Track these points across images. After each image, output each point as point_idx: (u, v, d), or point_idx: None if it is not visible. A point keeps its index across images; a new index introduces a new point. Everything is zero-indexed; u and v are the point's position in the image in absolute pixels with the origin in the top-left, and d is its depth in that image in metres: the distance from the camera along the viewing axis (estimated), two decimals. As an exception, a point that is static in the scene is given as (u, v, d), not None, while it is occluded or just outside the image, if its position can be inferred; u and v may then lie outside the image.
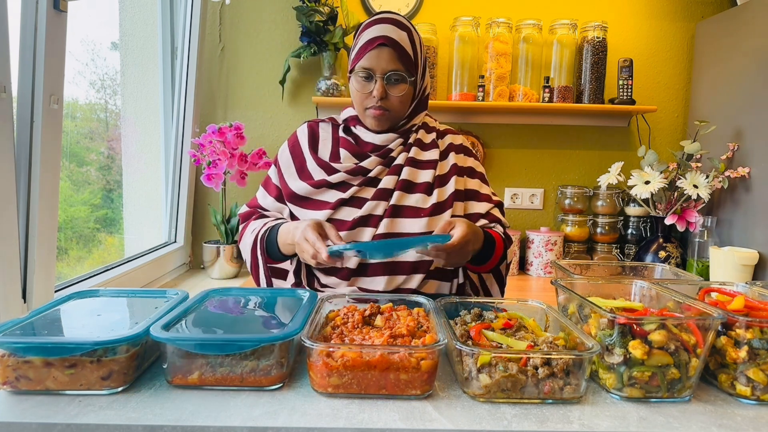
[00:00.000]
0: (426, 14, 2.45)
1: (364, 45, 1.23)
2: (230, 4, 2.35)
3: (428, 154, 1.34)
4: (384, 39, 1.21)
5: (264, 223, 1.30)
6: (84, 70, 1.84)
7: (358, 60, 1.24)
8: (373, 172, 1.28)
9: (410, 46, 1.25)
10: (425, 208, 1.26)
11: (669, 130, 2.56)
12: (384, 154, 1.30)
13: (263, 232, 1.27)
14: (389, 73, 1.23)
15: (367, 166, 1.29)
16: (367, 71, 1.23)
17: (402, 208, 1.26)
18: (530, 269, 2.48)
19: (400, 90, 1.25)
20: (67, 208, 1.79)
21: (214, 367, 0.75)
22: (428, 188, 1.30)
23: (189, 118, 2.26)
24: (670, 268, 1.16)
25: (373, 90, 1.24)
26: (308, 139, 1.36)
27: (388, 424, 0.67)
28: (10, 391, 0.74)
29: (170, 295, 0.98)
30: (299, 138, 1.38)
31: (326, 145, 1.35)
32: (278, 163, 1.38)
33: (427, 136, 1.37)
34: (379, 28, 1.23)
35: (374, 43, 1.22)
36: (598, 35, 2.35)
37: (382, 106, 1.25)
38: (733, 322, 0.79)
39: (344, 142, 1.33)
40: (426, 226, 1.24)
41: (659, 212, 2.27)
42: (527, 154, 2.57)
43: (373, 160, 1.29)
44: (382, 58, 1.22)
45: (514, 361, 0.73)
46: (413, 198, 1.28)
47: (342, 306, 0.96)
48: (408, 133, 1.34)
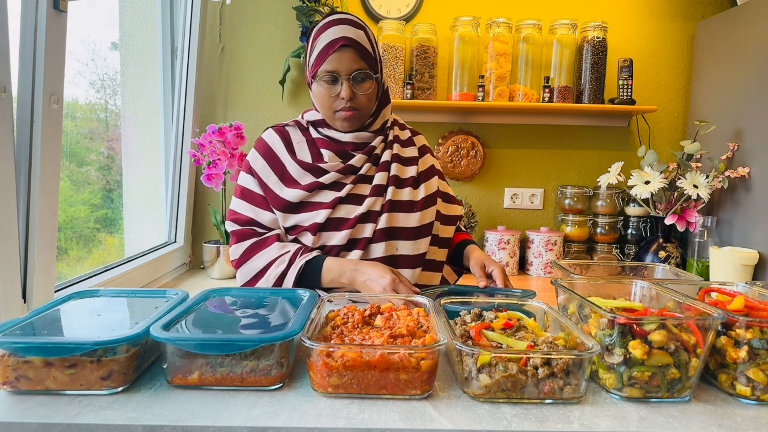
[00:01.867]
0: (426, 14, 2.45)
1: (324, 48, 1.22)
2: (230, 4, 2.35)
3: (409, 151, 1.38)
4: (345, 40, 1.21)
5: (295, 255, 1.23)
6: (84, 70, 1.84)
7: (320, 64, 1.23)
8: (363, 170, 1.30)
9: (369, 44, 1.27)
10: (418, 201, 1.31)
11: (669, 130, 2.56)
12: (369, 152, 1.31)
13: (301, 265, 1.21)
14: (355, 73, 1.23)
15: (355, 164, 1.29)
16: (332, 74, 1.23)
17: (397, 203, 1.30)
18: (530, 269, 2.48)
19: (366, 88, 1.26)
20: (67, 208, 1.79)
21: (214, 367, 0.75)
22: (415, 182, 1.34)
23: (189, 118, 2.26)
24: (670, 268, 1.16)
25: (340, 92, 1.23)
26: (284, 144, 1.32)
27: (388, 424, 0.67)
28: (10, 391, 0.74)
29: (170, 295, 0.98)
30: (271, 144, 1.33)
31: (303, 147, 1.32)
32: (254, 172, 1.31)
33: (402, 133, 1.41)
34: (336, 29, 1.23)
35: (335, 45, 1.21)
36: (598, 35, 2.35)
37: (352, 107, 1.25)
38: (733, 322, 0.79)
39: (323, 143, 1.32)
40: (419, 220, 1.30)
41: (659, 212, 2.27)
42: (527, 154, 2.57)
43: (361, 157, 1.30)
44: (346, 59, 1.22)
45: (514, 361, 0.73)
46: (405, 192, 1.31)
47: (342, 306, 0.96)
48: (385, 131, 1.36)
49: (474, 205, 2.55)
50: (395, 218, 1.28)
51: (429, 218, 1.33)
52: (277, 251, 1.23)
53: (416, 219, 1.30)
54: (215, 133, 2.09)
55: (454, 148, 2.49)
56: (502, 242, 2.42)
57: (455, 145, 2.49)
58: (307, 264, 1.21)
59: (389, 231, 1.27)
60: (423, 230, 1.31)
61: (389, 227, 1.27)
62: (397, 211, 1.29)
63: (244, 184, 1.32)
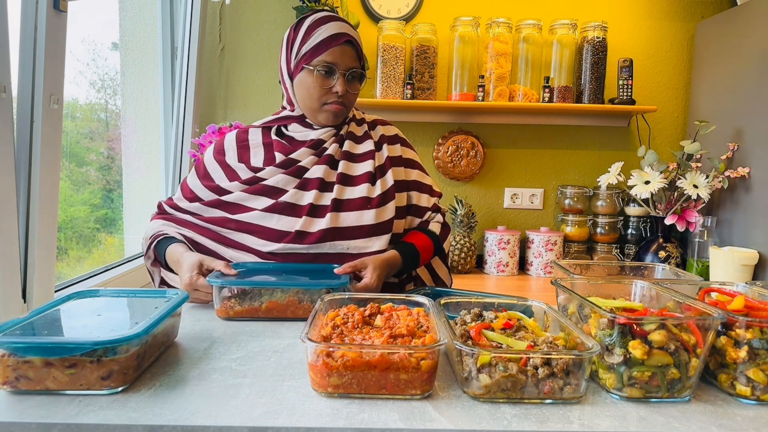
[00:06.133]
0: (426, 14, 2.45)
1: (326, 39, 1.21)
2: (230, 4, 2.35)
3: (363, 147, 1.33)
4: (348, 36, 1.23)
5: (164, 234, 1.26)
6: (85, 70, 1.84)
7: (317, 54, 1.21)
8: (304, 162, 1.26)
9: (361, 48, 1.28)
10: (373, 198, 1.27)
11: (669, 130, 2.56)
12: (315, 145, 1.28)
13: (156, 239, 1.24)
14: (351, 71, 1.24)
15: (297, 158, 1.26)
16: (330, 66, 1.22)
17: (344, 201, 1.25)
18: (530, 269, 2.48)
19: (356, 87, 1.27)
20: (67, 208, 1.79)
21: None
22: (371, 178, 1.29)
23: (189, 118, 2.26)
24: (670, 268, 1.16)
25: (334, 85, 1.22)
26: (236, 151, 1.31)
27: (388, 424, 0.67)
28: (10, 391, 0.74)
29: (170, 295, 0.97)
30: (225, 148, 1.32)
31: (258, 153, 1.30)
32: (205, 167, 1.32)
33: (358, 128, 1.36)
34: (337, 25, 1.23)
35: (340, 40, 1.21)
36: (598, 35, 2.35)
37: (342, 102, 1.25)
38: (733, 322, 0.79)
39: (278, 145, 1.29)
40: (375, 218, 1.25)
41: (659, 212, 2.27)
42: (527, 154, 2.57)
43: (304, 151, 1.27)
44: (347, 55, 1.23)
45: (514, 361, 0.73)
46: (357, 190, 1.27)
47: (342, 306, 0.96)
48: (339, 126, 1.33)
49: (474, 205, 2.55)
50: (342, 218, 1.24)
51: (388, 215, 1.28)
52: (161, 224, 1.29)
53: (370, 217, 1.25)
54: (215, 133, 2.09)
55: (454, 148, 2.49)
56: (502, 242, 2.42)
57: (455, 145, 2.49)
58: (161, 240, 1.24)
59: (333, 232, 1.22)
60: (379, 228, 1.26)
61: (334, 227, 1.22)
62: (345, 210, 1.25)
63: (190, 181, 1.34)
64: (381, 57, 2.35)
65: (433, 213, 1.41)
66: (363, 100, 2.32)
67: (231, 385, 0.76)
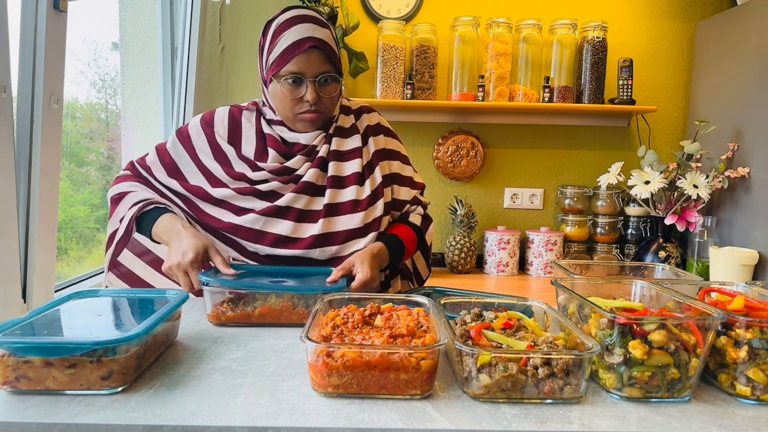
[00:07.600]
0: (426, 14, 2.45)
1: (290, 47, 1.14)
2: (230, 4, 2.35)
3: (350, 142, 1.29)
4: (313, 41, 1.15)
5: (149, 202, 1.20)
6: (85, 70, 1.84)
7: (283, 64, 1.15)
8: (300, 171, 1.23)
9: (334, 44, 1.21)
10: (362, 200, 1.24)
11: (669, 130, 2.56)
12: (309, 151, 1.25)
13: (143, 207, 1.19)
14: (321, 76, 1.17)
15: (292, 166, 1.23)
16: (296, 75, 1.16)
17: (337, 205, 1.23)
18: (530, 269, 2.48)
19: (331, 91, 1.20)
20: (67, 208, 1.79)
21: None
22: (359, 178, 1.26)
23: (189, 118, 2.26)
24: (670, 268, 1.16)
25: (305, 95, 1.17)
26: (228, 131, 1.27)
27: (388, 424, 0.67)
28: (10, 391, 0.74)
29: (170, 295, 0.97)
30: (215, 121, 1.28)
31: (250, 141, 1.26)
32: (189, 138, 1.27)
33: (346, 119, 1.32)
34: (303, 28, 1.15)
35: (303, 46, 1.14)
36: (598, 35, 2.35)
37: (316, 110, 1.19)
38: (733, 322, 0.79)
39: (272, 141, 1.25)
40: (363, 220, 1.23)
41: (659, 212, 2.27)
42: (527, 154, 2.57)
43: (299, 159, 1.24)
44: (313, 61, 1.15)
45: (514, 361, 0.73)
46: (347, 192, 1.24)
47: (342, 306, 0.96)
48: (328, 123, 1.29)
49: (474, 205, 2.55)
50: (334, 222, 1.21)
51: (377, 213, 1.26)
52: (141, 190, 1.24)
53: (358, 220, 1.23)
54: (215, 133, 2.09)
55: (454, 148, 2.49)
56: (502, 242, 2.42)
57: (455, 145, 2.49)
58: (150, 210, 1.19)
59: (326, 237, 1.21)
60: (368, 228, 1.24)
61: (326, 233, 1.20)
62: (338, 215, 1.22)
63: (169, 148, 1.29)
64: (381, 57, 2.35)
65: (413, 206, 1.38)
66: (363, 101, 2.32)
67: (231, 385, 0.76)
